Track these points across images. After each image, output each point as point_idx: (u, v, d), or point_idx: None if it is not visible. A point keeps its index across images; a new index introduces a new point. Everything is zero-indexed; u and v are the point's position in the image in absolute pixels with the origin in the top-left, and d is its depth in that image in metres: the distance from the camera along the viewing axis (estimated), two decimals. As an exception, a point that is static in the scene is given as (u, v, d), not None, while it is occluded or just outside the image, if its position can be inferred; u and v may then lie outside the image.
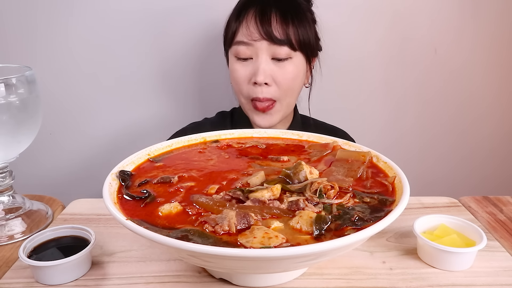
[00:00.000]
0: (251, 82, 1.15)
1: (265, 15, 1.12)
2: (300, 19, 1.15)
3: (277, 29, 1.11)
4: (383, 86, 1.59)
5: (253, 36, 1.12)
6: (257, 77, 1.12)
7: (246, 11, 1.14)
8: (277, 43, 1.11)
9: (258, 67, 1.12)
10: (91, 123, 1.54)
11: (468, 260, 0.66)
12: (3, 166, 0.79)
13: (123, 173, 0.70)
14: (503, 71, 1.59)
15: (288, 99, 1.19)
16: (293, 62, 1.15)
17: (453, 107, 1.62)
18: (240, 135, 0.90)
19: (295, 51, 1.14)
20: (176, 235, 0.53)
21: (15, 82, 0.73)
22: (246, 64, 1.16)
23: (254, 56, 1.14)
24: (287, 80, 1.15)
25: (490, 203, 0.89)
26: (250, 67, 1.15)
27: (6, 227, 0.77)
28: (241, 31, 1.14)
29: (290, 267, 0.57)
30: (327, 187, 0.64)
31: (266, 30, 1.11)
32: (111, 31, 1.45)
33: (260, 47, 1.12)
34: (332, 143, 0.83)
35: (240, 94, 1.20)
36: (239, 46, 1.15)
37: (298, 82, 1.19)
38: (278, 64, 1.14)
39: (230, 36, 1.18)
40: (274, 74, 1.14)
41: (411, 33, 1.52)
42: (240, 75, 1.16)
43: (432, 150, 1.67)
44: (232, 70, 1.19)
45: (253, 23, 1.12)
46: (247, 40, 1.13)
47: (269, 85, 1.14)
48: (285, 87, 1.16)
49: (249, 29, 1.13)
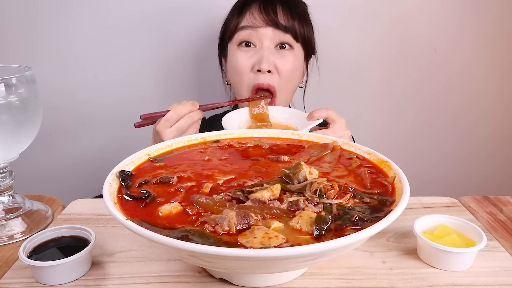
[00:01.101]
0: (254, 69, 1.17)
1: (269, 5, 1.16)
2: (304, 17, 1.20)
3: (282, 17, 1.15)
4: (383, 86, 1.59)
5: (257, 22, 1.15)
6: (261, 64, 1.14)
7: (250, 5, 1.18)
8: (282, 29, 1.15)
9: (262, 55, 1.15)
10: (91, 123, 1.54)
11: (468, 260, 0.66)
12: (3, 166, 0.79)
13: (123, 173, 0.69)
14: (503, 71, 1.59)
15: (286, 92, 1.21)
16: (294, 53, 1.19)
17: (453, 107, 1.62)
18: (240, 135, 0.90)
19: (297, 41, 1.18)
20: (176, 235, 0.53)
21: (15, 82, 0.73)
22: (248, 52, 1.18)
23: (258, 44, 1.17)
24: (288, 70, 1.18)
25: (490, 203, 0.89)
26: (252, 56, 1.17)
27: (6, 227, 0.77)
28: (245, 20, 1.17)
29: (290, 267, 0.57)
30: (327, 187, 0.64)
31: (271, 18, 1.14)
32: (111, 31, 1.45)
33: (265, 33, 1.15)
34: (332, 143, 0.83)
35: (241, 84, 1.21)
36: (242, 31, 1.17)
37: (297, 74, 1.23)
38: (281, 53, 1.17)
39: (232, 28, 1.20)
40: (276, 63, 1.16)
41: (411, 33, 1.52)
42: (242, 63, 1.18)
43: (432, 150, 1.67)
44: (234, 60, 1.20)
45: (257, 12, 1.15)
46: (252, 24, 1.15)
47: (272, 73, 1.17)
48: (286, 77, 1.18)
49: (253, 16, 1.16)
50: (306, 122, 1.08)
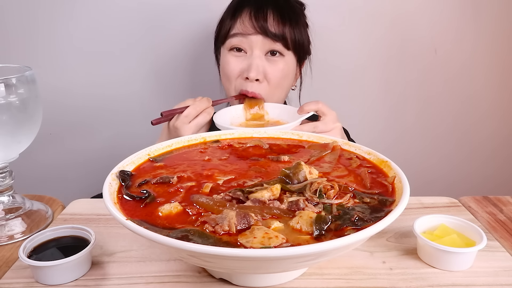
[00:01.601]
0: (243, 76, 1.17)
1: (260, 12, 1.14)
2: (296, 21, 1.18)
3: (273, 25, 1.14)
4: (384, 86, 1.59)
5: (247, 30, 1.14)
6: (249, 73, 1.14)
7: (242, 9, 1.17)
8: (272, 38, 1.14)
9: (251, 62, 1.15)
10: (91, 123, 1.54)
11: (468, 260, 0.66)
12: (3, 166, 0.79)
13: (123, 173, 0.69)
14: (504, 71, 1.59)
15: (275, 98, 1.21)
16: (284, 60, 1.18)
17: (453, 108, 1.63)
18: (240, 135, 0.90)
19: (288, 49, 1.17)
20: (176, 235, 0.53)
21: (15, 82, 0.73)
22: (239, 57, 1.18)
23: (248, 51, 1.16)
24: (277, 78, 1.17)
25: (490, 203, 0.89)
26: (242, 62, 1.17)
27: (6, 227, 0.77)
28: (236, 27, 1.17)
29: (290, 267, 0.57)
30: (327, 187, 0.64)
31: (261, 25, 1.13)
32: (111, 31, 1.45)
33: (255, 40, 1.14)
34: (332, 143, 0.83)
35: (229, 88, 1.22)
36: (234, 38, 1.17)
37: (288, 81, 1.22)
38: (270, 60, 1.17)
39: (224, 32, 1.20)
40: (266, 70, 1.16)
41: (411, 34, 1.52)
42: (232, 68, 1.18)
43: (432, 150, 1.67)
44: (225, 63, 1.20)
45: (248, 19, 1.14)
46: (242, 32, 1.15)
47: (260, 82, 1.17)
48: (275, 84, 1.18)
49: (244, 24, 1.15)
50: (297, 116, 1.09)
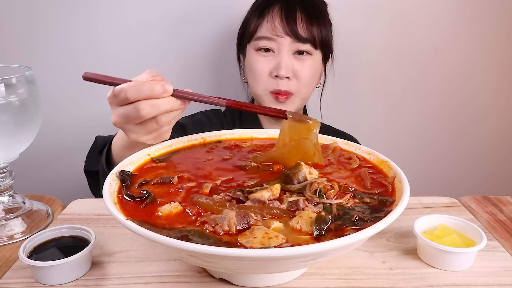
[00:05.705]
0: (272, 75, 1.17)
1: (290, 12, 1.15)
2: (323, 19, 1.19)
3: (302, 27, 1.15)
4: (383, 86, 1.59)
5: (277, 31, 1.15)
6: (279, 71, 1.15)
7: (270, 8, 1.17)
8: (302, 40, 1.15)
9: (280, 61, 1.15)
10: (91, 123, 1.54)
11: (468, 260, 0.66)
12: (3, 166, 0.79)
13: (123, 173, 0.69)
14: (502, 70, 1.59)
15: (304, 94, 1.22)
16: (312, 58, 1.19)
17: (453, 107, 1.62)
18: (241, 135, 0.90)
19: (316, 49, 1.18)
20: (176, 235, 0.53)
21: (15, 82, 0.73)
22: (267, 57, 1.18)
23: (276, 51, 1.17)
24: (307, 75, 1.18)
25: (490, 203, 0.89)
26: (271, 61, 1.17)
27: (6, 227, 0.77)
28: (265, 26, 1.17)
29: (290, 267, 0.57)
30: (326, 187, 0.64)
31: (291, 28, 1.14)
32: (111, 31, 1.45)
33: (283, 42, 1.15)
34: (332, 143, 0.83)
35: (258, 88, 1.21)
36: (261, 41, 1.17)
37: (316, 78, 1.24)
38: (299, 59, 1.17)
39: (251, 31, 1.20)
40: (295, 69, 1.17)
41: (410, 33, 1.52)
42: (260, 68, 1.18)
43: (432, 150, 1.67)
44: (253, 63, 1.20)
45: (279, 19, 1.15)
46: (271, 35, 1.15)
47: (289, 79, 1.17)
48: (305, 82, 1.19)
49: (274, 24, 1.15)
50: None
